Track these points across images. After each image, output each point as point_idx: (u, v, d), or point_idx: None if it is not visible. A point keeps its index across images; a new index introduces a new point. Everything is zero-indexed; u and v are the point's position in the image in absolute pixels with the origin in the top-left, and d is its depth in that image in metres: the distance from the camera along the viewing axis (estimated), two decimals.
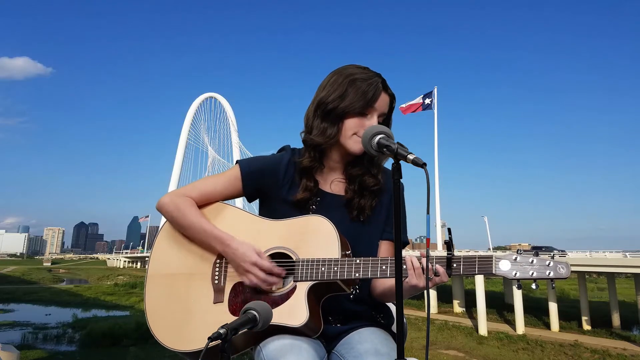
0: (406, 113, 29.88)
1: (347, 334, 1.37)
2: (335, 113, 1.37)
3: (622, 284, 33.95)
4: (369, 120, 1.38)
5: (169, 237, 1.46)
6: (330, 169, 1.47)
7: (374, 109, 1.38)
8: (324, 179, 1.47)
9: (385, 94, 1.40)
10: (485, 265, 1.22)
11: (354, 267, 1.27)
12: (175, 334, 1.35)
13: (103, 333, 17.58)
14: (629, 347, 16.68)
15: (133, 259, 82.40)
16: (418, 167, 1.04)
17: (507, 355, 16.11)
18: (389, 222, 1.47)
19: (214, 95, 69.09)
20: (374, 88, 1.36)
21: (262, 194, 1.48)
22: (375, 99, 1.36)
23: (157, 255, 1.46)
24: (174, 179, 59.97)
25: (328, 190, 1.46)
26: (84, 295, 35.15)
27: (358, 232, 1.43)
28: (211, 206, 1.46)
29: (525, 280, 1.22)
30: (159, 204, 1.44)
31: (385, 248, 1.48)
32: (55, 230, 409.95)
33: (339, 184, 1.47)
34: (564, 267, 1.20)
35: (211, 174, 2.07)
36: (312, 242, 1.33)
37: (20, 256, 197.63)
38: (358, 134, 1.37)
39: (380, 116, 1.40)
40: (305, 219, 1.37)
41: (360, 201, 1.43)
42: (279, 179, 1.44)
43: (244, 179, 1.45)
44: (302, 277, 1.30)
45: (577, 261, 19.84)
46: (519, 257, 1.21)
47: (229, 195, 1.47)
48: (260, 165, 1.46)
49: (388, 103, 1.42)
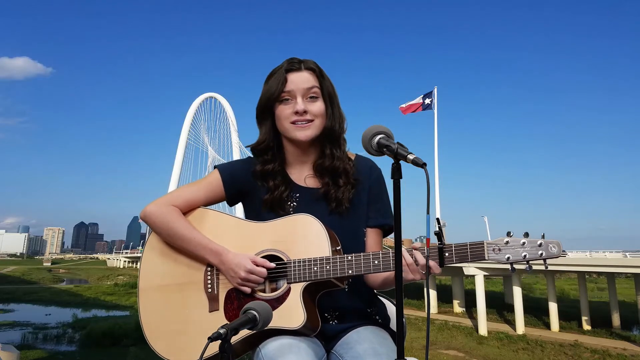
0: (406, 113, 29.84)
1: (346, 333, 1.37)
2: (261, 111, 1.44)
3: (622, 284, 33.89)
4: (293, 102, 1.40)
5: (156, 248, 1.45)
6: (301, 163, 1.48)
7: (291, 91, 1.39)
8: (298, 175, 1.47)
9: (298, 72, 1.41)
10: (478, 251, 1.22)
11: (346, 264, 1.27)
12: (174, 345, 1.34)
13: (103, 333, 17.53)
14: (629, 347, 16.65)
15: (133, 259, 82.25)
16: (418, 167, 1.04)
17: (507, 355, 16.08)
18: (373, 208, 1.47)
19: (214, 95, 68.94)
20: (280, 73, 1.40)
21: (243, 197, 1.50)
22: (284, 81, 1.39)
23: (146, 268, 1.45)
24: (174, 179, 59.87)
25: (303, 185, 1.46)
26: (84, 295, 35.08)
27: (341, 225, 1.42)
28: (195, 212, 1.45)
29: (518, 263, 1.22)
30: (144, 213, 1.42)
31: (373, 236, 1.48)
32: (55, 230, 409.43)
33: (313, 177, 1.47)
34: (555, 246, 1.19)
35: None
36: (301, 242, 1.33)
37: (20, 256, 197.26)
38: (292, 120, 1.40)
39: (304, 93, 1.40)
40: (291, 219, 1.36)
41: (337, 193, 1.43)
42: (256, 181, 1.46)
43: (225, 183, 1.46)
44: (295, 278, 1.30)
45: (577, 261, 19.78)
46: (510, 240, 1.21)
47: (212, 200, 1.48)
48: (238, 168, 1.49)
49: (309, 78, 1.42)
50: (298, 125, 1.39)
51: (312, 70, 1.43)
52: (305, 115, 1.40)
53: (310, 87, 1.41)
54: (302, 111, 1.39)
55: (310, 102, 1.41)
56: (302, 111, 1.39)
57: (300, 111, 1.39)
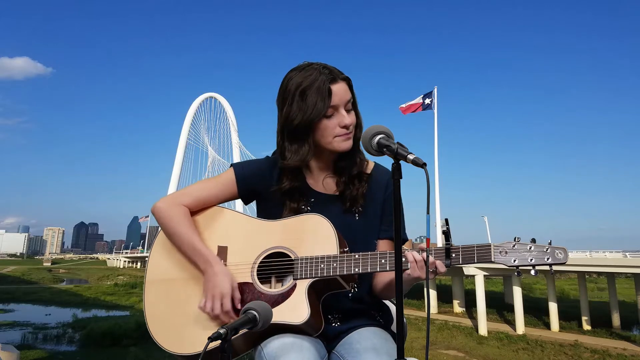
0: (406, 113, 29.83)
1: (347, 333, 1.37)
2: (301, 129, 1.36)
3: (622, 284, 33.90)
4: (337, 116, 1.37)
5: (166, 242, 1.46)
6: (319, 169, 1.47)
7: (336, 105, 1.37)
8: (315, 180, 1.47)
9: (338, 84, 1.38)
10: (484, 254, 1.22)
11: (353, 262, 1.28)
12: (175, 337, 1.35)
13: (103, 333, 17.53)
14: (629, 347, 16.65)
15: (133, 259, 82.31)
16: (418, 167, 1.05)
17: (507, 355, 16.08)
18: (386, 221, 1.47)
19: (214, 95, 68.96)
20: (325, 88, 1.34)
21: (257, 196, 1.49)
22: (330, 97, 1.35)
23: (154, 261, 1.46)
24: (174, 179, 59.89)
25: (321, 190, 1.46)
26: (84, 295, 35.10)
27: (353, 226, 1.43)
28: (208, 211, 1.46)
29: (524, 267, 1.22)
30: (154, 208, 1.44)
31: (384, 247, 1.47)
32: (55, 230, 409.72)
33: (330, 181, 1.47)
34: (562, 253, 1.19)
35: (211, 174, 2.07)
36: (310, 240, 1.33)
37: (20, 256, 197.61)
38: (339, 134, 1.37)
39: (345, 105, 1.39)
40: (302, 218, 1.37)
41: (352, 191, 1.43)
42: (272, 181, 1.45)
43: (239, 182, 1.46)
44: (301, 275, 1.30)
45: (577, 261, 19.76)
46: (517, 245, 1.21)
47: (225, 198, 1.48)
48: (254, 168, 1.48)
49: (346, 89, 1.40)
50: (342, 136, 1.38)
51: (347, 80, 1.42)
52: (350, 127, 1.39)
53: (349, 99, 1.40)
54: (349, 125, 1.38)
55: (349, 114, 1.40)
56: (349, 125, 1.38)
57: (348, 125, 1.38)
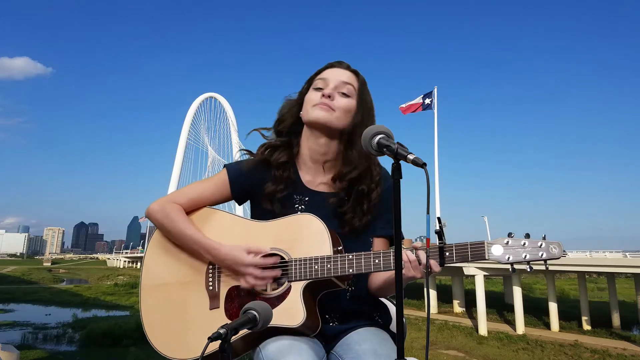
0: (406, 113, 29.79)
1: (346, 334, 1.37)
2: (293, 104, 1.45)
3: (622, 284, 33.85)
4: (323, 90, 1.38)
5: (160, 245, 1.45)
6: (315, 167, 1.45)
7: (326, 79, 1.38)
8: (311, 179, 1.46)
9: (338, 68, 1.40)
10: (478, 251, 1.22)
11: (347, 262, 1.27)
12: (174, 343, 1.34)
13: (103, 333, 17.51)
14: (629, 347, 16.64)
15: (133, 259, 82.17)
16: (418, 167, 1.04)
17: (507, 355, 16.07)
18: (382, 219, 1.45)
19: (214, 95, 68.89)
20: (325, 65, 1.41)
21: (250, 196, 1.48)
22: (322, 70, 1.38)
23: (149, 265, 1.45)
24: (174, 179, 59.84)
25: (316, 189, 1.45)
26: (84, 295, 35.04)
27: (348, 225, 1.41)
28: (199, 212, 1.45)
29: (518, 263, 1.21)
30: (148, 210, 1.43)
31: (379, 245, 1.46)
32: (55, 230, 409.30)
33: (326, 180, 1.45)
34: (556, 247, 1.19)
35: (211, 174, 2.07)
36: (303, 241, 1.32)
37: (20, 256, 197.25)
38: (317, 102, 1.37)
39: (338, 86, 1.38)
40: (294, 218, 1.36)
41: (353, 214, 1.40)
42: (265, 181, 1.44)
43: (232, 182, 1.45)
44: (295, 276, 1.29)
45: (577, 261, 19.76)
46: (511, 241, 1.21)
47: (218, 199, 1.47)
48: (246, 168, 1.46)
49: (349, 75, 1.41)
50: (319, 105, 1.37)
51: (356, 74, 1.41)
52: (331, 101, 1.37)
53: (346, 82, 1.39)
54: (327, 95, 1.37)
55: (340, 96, 1.39)
56: (327, 95, 1.37)
57: (326, 95, 1.36)
